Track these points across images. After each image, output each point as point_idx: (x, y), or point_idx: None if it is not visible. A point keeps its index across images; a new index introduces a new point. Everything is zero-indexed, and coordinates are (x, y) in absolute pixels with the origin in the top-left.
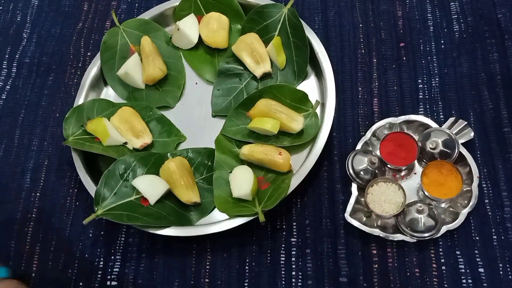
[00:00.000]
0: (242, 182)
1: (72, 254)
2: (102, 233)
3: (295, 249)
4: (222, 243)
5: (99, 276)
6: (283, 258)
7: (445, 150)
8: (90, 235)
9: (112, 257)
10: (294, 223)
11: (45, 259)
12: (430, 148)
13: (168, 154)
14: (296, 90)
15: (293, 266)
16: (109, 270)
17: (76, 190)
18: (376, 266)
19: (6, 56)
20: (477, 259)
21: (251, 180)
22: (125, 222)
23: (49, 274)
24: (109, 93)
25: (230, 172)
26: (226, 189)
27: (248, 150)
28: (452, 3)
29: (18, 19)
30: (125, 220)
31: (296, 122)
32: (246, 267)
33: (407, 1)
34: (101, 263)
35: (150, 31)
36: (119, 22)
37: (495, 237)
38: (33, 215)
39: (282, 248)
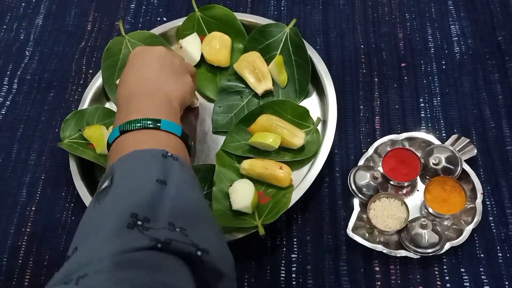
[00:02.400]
0: (242, 194)
1: None
2: None
3: (295, 265)
4: None
5: None
6: (283, 275)
7: (448, 166)
8: None
9: None
10: (295, 239)
11: (38, 274)
12: (433, 164)
13: None
14: (298, 106)
15: (294, 283)
16: None
17: (72, 205)
18: (379, 283)
19: (8, 72)
20: (482, 277)
21: (251, 192)
22: None
23: None
24: (112, 107)
25: (230, 186)
26: (225, 203)
27: (248, 164)
28: (452, 26)
29: (22, 37)
30: None
31: (297, 137)
32: (245, 284)
33: (408, 23)
34: None
35: (155, 45)
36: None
37: (500, 254)
38: (28, 229)
39: (282, 264)
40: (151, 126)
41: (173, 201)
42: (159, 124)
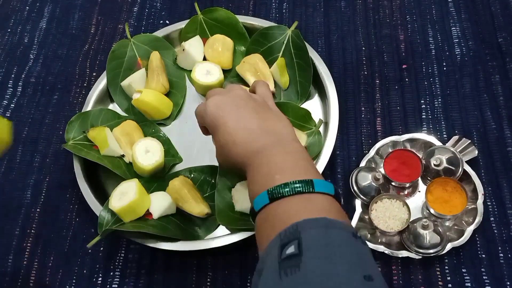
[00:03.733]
0: (244, 195)
1: (70, 270)
2: (101, 248)
3: None
4: (223, 259)
5: None
6: None
7: (450, 167)
8: (89, 250)
9: (111, 273)
10: None
11: (43, 274)
12: (434, 165)
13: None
14: (299, 108)
15: None
16: (108, 286)
17: (76, 207)
18: None
19: (12, 75)
20: (484, 277)
21: None
22: (129, 229)
23: None
24: (115, 109)
25: (233, 187)
26: (229, 203)
27: None
28: (453, 28)
29: (26, 40)
30: (129, 227)
31: (299, 139)
32: (248, 285)
33: (409, 25)
34: (100, 279)
35: (160, 48)
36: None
37: (501, 255)
38: (32, 231)
39: None
40: (304, 190)
41: None
42: (311, 188)
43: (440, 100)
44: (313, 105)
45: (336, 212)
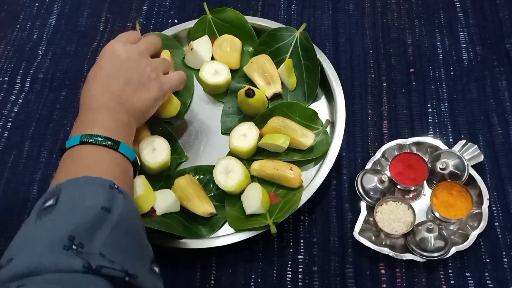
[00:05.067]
0: (252, 198)
1: None
2: None
3: (302, 266)
4: (228, 258)
5: None
6: (290, 275)
7: (455, 171)
8: None
9: None
10: (302, 241)
11: None
12: (440, 169)
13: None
14: (306, 108)
15: (300, 284)
16: None
17: None
18: (385, 286)
19: (21, 71)
20: (488, 281)
21: (259, 193)
22: None
23: None
24: None
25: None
26: (238, 207)
27: (259, 165)
28: (461, 33)
29: (35, 37)
30: None
31: (307, 137)
32: (252, 283)
33: (417, 30)
34: None
35: (169, 47)
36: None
37: (505, 259)
38: None
39: (289, 265)
40: (110, 145)
41: (113, 227)
42: (117, 146)
43: (446, 104)
44: (320, 107)
45: (126, 175)
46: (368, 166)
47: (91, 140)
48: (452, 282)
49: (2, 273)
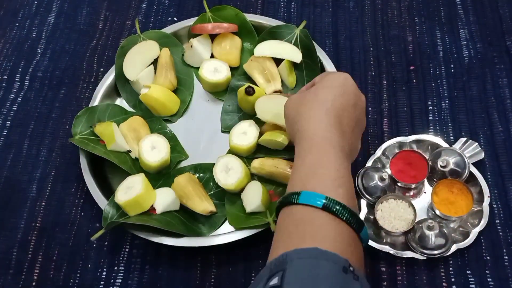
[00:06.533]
0: (252, 196)
1: (74, 264)
2: (106, 243)
3: None
4: (228, 256)
5: (101, 286)
6: None
7: (456, 169)
8: (94, 245)
9: (115, 268)
10: None
11: (47, 268)
12: (441, 166)
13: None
14: None
15: None
16: (112, 281)
17: (82, 201)
18: (385, 283)
19: (20, 69)
20: (488, 279)
21: (259, 191)
22: (133, 222)
23: (50, 284)
24: (122, 104)
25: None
26: (238, 205)
27: (259, 163)
28: (462, 30)
29: (34, 35)
30: (133, 220)
31: None
32: (252, 281)
33: (417, 27)
34: (104, 273)
35: (169, 45)
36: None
37: (506, 257)
38: (37, 224)
39: None
40: (350, 222)
41: None
42: (346, 216)
43: (447, 102)
44: None
45: (346, 245)
46: (369, 164)
47: (335, 208)
48: (453, 279)
49: None
